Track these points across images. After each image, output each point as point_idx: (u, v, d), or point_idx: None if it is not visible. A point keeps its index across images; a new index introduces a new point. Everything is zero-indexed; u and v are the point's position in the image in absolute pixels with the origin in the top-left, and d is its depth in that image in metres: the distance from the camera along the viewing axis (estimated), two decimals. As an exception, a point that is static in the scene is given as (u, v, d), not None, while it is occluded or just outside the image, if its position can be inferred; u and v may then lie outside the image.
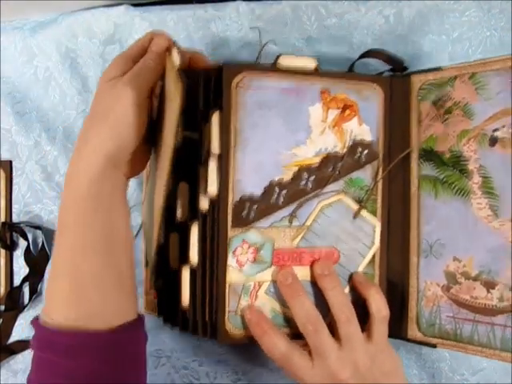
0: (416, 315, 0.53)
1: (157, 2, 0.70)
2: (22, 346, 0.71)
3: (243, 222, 0.51)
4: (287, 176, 0.52)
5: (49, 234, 0.71)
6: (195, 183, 0.52)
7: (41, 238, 0.71)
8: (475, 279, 0.50)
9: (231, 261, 0.51)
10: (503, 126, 0.49)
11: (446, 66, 0.53)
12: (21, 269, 0.73)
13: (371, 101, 0.55)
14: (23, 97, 0.73)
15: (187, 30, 0.68)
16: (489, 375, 0.64)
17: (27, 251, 0.72)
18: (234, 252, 0.51)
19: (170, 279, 0.55)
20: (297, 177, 0.52)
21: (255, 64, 0.55)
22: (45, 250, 0.71)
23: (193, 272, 0.52)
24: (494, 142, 0.49)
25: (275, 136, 0.52)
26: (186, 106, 0.53)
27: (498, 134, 0.49)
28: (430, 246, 0.53)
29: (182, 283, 0.52)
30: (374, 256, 0.55)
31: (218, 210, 0.51)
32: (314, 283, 0.53)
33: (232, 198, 0.51)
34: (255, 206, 0.51)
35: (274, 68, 0.53)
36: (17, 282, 0.73)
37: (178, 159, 0.57)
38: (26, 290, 0.72)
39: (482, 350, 0.50)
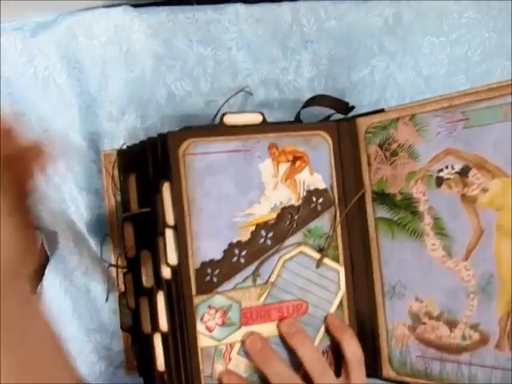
0: (388, 355, 0.54)
1: (156, 3, 0.70)
2: None
3: (207, 288, 0.52)
4: (245, 236, 0.53)
5: (48, 235, 0.73)
6: (156, 252, 0.53)
7: (40, 239, 0.72)
8: (438, 319, 0.50)
9: (200, 327, 0.52)
10: (446, 167, 0.48)
11: (388, 107, 0.53)
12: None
13: (320, 149, 0.55)
14: (23, 97, 0.73)
15: (186, 32, 0.68)
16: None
17: None
18: (201, 318, 0.52)
19: (144, 343, 0.56)
20: (255, 235, 0.53)
21: (200, 129, 0.55)
22: (44, 250, 0.72)
23: (164, 338, 0.53)
24: (439, 182, 0.49)
25: (228, 200, 0.52)
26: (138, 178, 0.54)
27: (442, 174, 0.49)
28: (392, 287, 0.53)
29: (156, 349, 0.54)
30: (341, 301, 0.55)
31: (181, 279, 0.51)
32: (284, 338, 0.53)
33: (193, 266, 0.52)
34: (217, 271, 0.52)
35: (219, 129, 0.53)
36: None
37: (138, 229, 0.58)
38: None
39: (452, 388, 0.50)
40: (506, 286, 0.46)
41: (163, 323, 0.53)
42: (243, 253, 0.53)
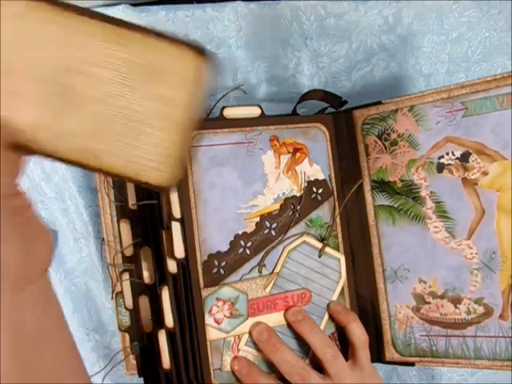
0: (391, 338, 0.56)
1: (155, 1, 0.69)
2: None
3: (215, 280, 0.52)
4: (250, 227, 0.53)
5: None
6: (159, 247, 0.52)
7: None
8: (442, 297, 0.53)
9: (209, 320, 0.51)
10: (447, 154, 0.52)
11: (385, 100, 0.55)
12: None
13: (318, 140, 0.56)
14: None
15: (186, 30, 0.67)
16: (488, 376, 0.67)
17: None
18: (209, 311, 0.52)
19: (145, 342, 0.55)
20: (260, 226, 0.54)
21: (203, 121, 0.55)
22: None
23: (171, 335, 0.52)
24: (440, 168, 0.52)
25: (233, 192, 0.53)
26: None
27: (443, 160, 0.52)
28: (394, 272, 0.55)
29: (161, 347, 0.53)
30: (343, 288, 0.57)
31: (189, 272, 0.51)
32: (291, 326, 0.54)
33: (200, 258, 0.51)
34: (224, 263, 0.52)
35: (221, 121, 0.53)
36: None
37: (136, 226, 0.57)
38: None
39: (457, 361, 0.53)
40: (508, 261, 0.49)
41: (169, 319, 0.52)
42: (249, 244, 0.53)
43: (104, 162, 0.39)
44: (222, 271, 0.52)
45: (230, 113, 0.54)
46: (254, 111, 0.55)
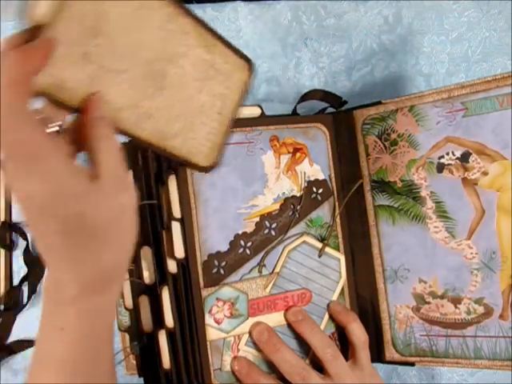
0: (391, 338, 0.56)
1: None
2: (21, 345, 0.71)
3: (215, 280, 0.52)
4: (250, 227, 0.53)
5: None
6: (159, 247, 0.52)
7: None
8: (442, 297, 0.53)
9: (209, 320, 0.51)
10: (447, 154, 0.52)
11: (385, 100, 0.55)
12: (20, 268, 0.72)
13: (318, 140, 0.56)
14: None
15: None
16: (488, 376, 0.67)
17: (26, 251, 0.71)
18: (210, 311, 0.52)
19: (145, 342, 0.55)
20: (260, 226, 0.54)
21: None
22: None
23: (171, 335, 0.52)
24: (441, 168, 0.52)
25: (233, 192, 0.53)
26: (140, 174, 0.53)
27: (443, 160, 0.52)
28: (394, 272, 0.55)
29: (161, 347, 0.53)
30: (343, 288, 0.57)
31: (189, 272, 0.51)
32: (291, 326, 0.54)
33: (200, 258, 0.51)
34: (224, 263, 0.52)
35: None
36: (16, 281, 0.72)
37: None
38: (26, 289, 0.72)
39: (457, 361, 0.53)
40: (508, 261, 0.49)
41: (169, 319, 0.52)
42: (249, 244, 0.53)
43: (169, 144, 0.45)
44: (222, 271, 0.52)
45: (231, 113, 0.54)
46: (254, 111, 0.55)
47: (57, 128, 0.37)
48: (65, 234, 0.35)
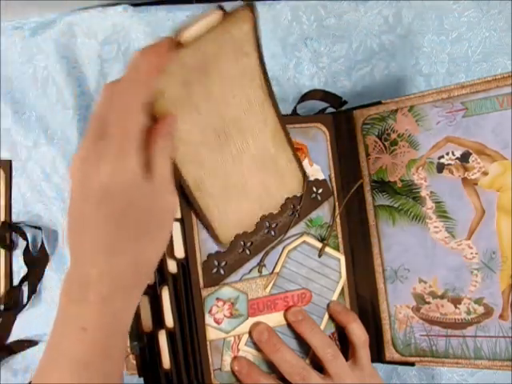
0: (391, 338, 0.56)
1: (155, 2, 0.70)
2: (21, 345, 0.71)
3: (214, 280, 0.52)
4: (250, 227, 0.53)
5: (48, 234, 0.72)
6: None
7: (40, 238, 0.71)
8: (442, 297, 0.53)
9: (209, 320, 0.51)
10: (447, 154, 0.52)
11: (385, 100, 0.55)
12: (20, 268, 0.73)
13: (318, 140, 0.56)
14: (22, 97, 0.73)
15: None
16: (488, 376, 0.67)
17: (26, 251, 0.72)
18: (209, 311, 0.51)
19: (145, 342, 0.55)
20: (259, 226, 0.53)
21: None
22: (44, 249, 0.71)
23: (171, 335, 0.52)
24: (440, 168, 0.52)
25: (233, 191, 0.53)
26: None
27: (443, 160, 0.52)
28: (394, 272, 0.55)
29: (161, 347, 0.53)
30: (343, 288, 0.57)
31: (189, 272, 0.51)
32: (291, 326, 0.54)
33: (200, 258, 0.51)
34: (223, 262, 0.52)
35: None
36: (16, 281, 0.73)
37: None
38: (26, 289, 0.72)
39: (457, 361, 0.53)
40: (508, 261, 0.49)
41: (169, 319, 0.52)
42: (248, 244, 0.53)
43: (202, 198, 0.48)
44: (221, 271, 0.52)
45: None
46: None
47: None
48: (117, 220, 0.37)
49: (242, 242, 0.53)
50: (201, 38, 0.38)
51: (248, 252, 0.53)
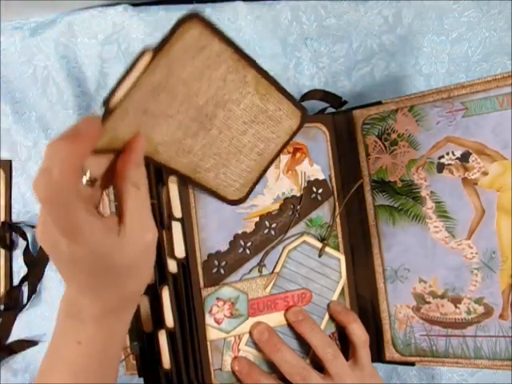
0: (391, 338, 0.56)
1: (155, 1, 0.70)
2: (21, 345, 0.72)
3: (215, 279, 0.52)
4: (250, 227, 0.53)
5: None
6: (159, 247, 0.52)
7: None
8: (442, 297, 0.53)
9: (209, 320, 0.51)
10: (447, 154, 0.52)
11: (385, 100, 0.55)
12: (20, 268, 0.73)
13: (318, 140, 0.56)
14: (22, 97, 0.73)
15: None
16: (488, 376, 0.67)
17: (26, 251, 0.72)
18: (210, 311, 0.52)
19: (145, 342, 0.55)
20: (259, 226, 0.54)
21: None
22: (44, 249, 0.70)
23: (171, 335, 0.52)
24: (441, 168, 0.52)
25: (233, 191, 0.53)
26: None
27: (443, 160, 0.52)
28: (394, 272, 0.55)
29: (161, 347, 0.53)
30: (343, 288, 0.57)
31: (189, 272, 0.51)
32: (291, 326, 0.54)
33: (200, 258, 0.51)
34: (224, 262, 0.52)
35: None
36: (16, 281, 0.73)
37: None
38: (26, 289, 0.73)
39: (457, 361, 0.53)
40: (508, 261, 0.49)
41: (169, 319, 0.52)
42: (248, 244, 0.53)
43: (202, 177, 0.48)
44: (222, 271, 0.52)
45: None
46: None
47: (88, 180, 0.38)
48: (91, 272, 0.39)
49: (242, 242, 0.53)
50: (137, 84, 0.37)
51: (248, 252, 0.53)
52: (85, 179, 0.38)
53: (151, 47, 0.36)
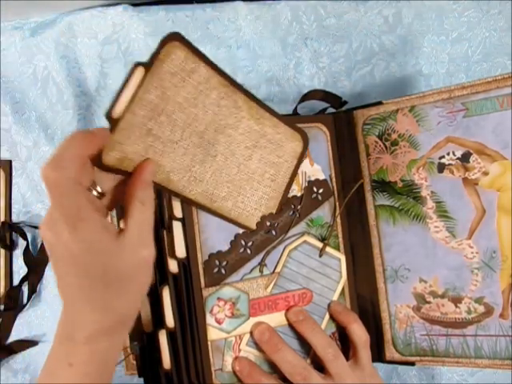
0: (391, 337, 0.56)
1: (155, 1, 0.70)
2: (21, 345, 0.72)
3: (216, 279, 0.52)
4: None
5: None
6: (160, 247, 0.52)
7: (40, 238, 0.72)
8: (442, 297, 0.53)
9: (210, 320, 0.51)
10: (448, 154, 0.52)
11: (386, 100, 0.55)
12: (20, 268, 0.73)
13: (318, 140, 0.57)
14: (22, 97, 0.73)
15: (185, 31, 0.68)
16: (488, 376, 0.67)
17: (26, 251, 0.72)
18: (211, 311, 0.52)
19: (145, 342, 0.55)
20: (260, 226, 0.54)
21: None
22: (44, 249, 0.71)
23: (171, 335, 0.52)
24: (441, 168, 0.52)
25: (234, 191, 0.53)
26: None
27: (444, 160, 0.52)
28: (395, 272, 0.55)
29: (161, 347, 0.53)
30: (343, 288, 0.57)
31: (190, 272, 0.51)
32: (292, 326, 0.54)
33: (201, 258, 0.51)
34: (225, 262, 0.52)
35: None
36: (16, 281, 0.73)
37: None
38: (26, 289, 0.73)
39: (457, 360, 0.53)
40: (508, 260, 0.50)
41: (169, 319, 0.52)
42: (249, 243, 0.53)
43: (220, 206, 0.50)
44: (223, 271, 0.52)
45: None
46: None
47: (98, 193, 0.42)
48: (87, 279, 0.40)
49: (243, 242, 0.53)
50: (135, 99, 0.41)
51: (249, 251, 0.53)
52: (95, 192, 0.41)
53: (142, 62, 0.40)
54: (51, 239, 0.40)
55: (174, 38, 0.42)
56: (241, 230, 0.53)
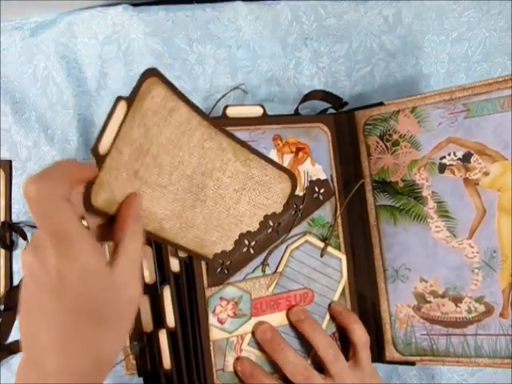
0: (392, 337, 0.56)
1: (155, 1, 0.70)
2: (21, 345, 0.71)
3: (219, 279, 0.52)
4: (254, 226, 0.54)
5: None
6: (160, 246, 0.52)
7: None
8: (443, 296, 0.53)
9: (212, 320, 0.52)
10: (449, 154, 0.52)
11: (387, 101, 0.56)
12: (20, 268, 0.72)
13: (320, 140, 0.57)
14: (22, 97, 0.72)
15: (186, 30, 0.68)
16: (488, 375, 0.67)
17: None
18: (213, 311, 0.52)
19: (145, 342, 0.55)
20: (263, 226, 0.54)
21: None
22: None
23: (172, 335, 0.52)
24: (442, 168, 0.53)
25: (237, 191, 0.53)
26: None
27: (445, 161, 0.53)
28: (395, 271, 0.56)
29: (161, 347, 0.53)
30: (344, 288, 0.57)
31: (192, 271, 0.51)
32: (293, 326, 0.54)
33: (204, 257, 0.52)
34: (228, 262, 0.52)
35: (223, 119, 0.53)
36: (16, 281, 0.72)
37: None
38: None
39: (458, 360, 0.53)
40: (508, 260, 0.50)
41: (170, 319, 0.52)
42: (253, 243, 0.53)
43: (207, 250, 0.50)
44: (226, 270, 0.52)
45: (233, 112, 0.54)
46: (257, 111, 0.55)
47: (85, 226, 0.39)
48: (74, 312, 0.36)
49: (247, 241, 0.53)
50: (120, 135, 0.40)
51: (252, 251, 0.53)
52: (84, 222, 0.39)
53: (124, 97, 0.40)
54: (33, 265, 0.36)
55: (153, 73, 0.41)
56: (244, 230, 0.53)
